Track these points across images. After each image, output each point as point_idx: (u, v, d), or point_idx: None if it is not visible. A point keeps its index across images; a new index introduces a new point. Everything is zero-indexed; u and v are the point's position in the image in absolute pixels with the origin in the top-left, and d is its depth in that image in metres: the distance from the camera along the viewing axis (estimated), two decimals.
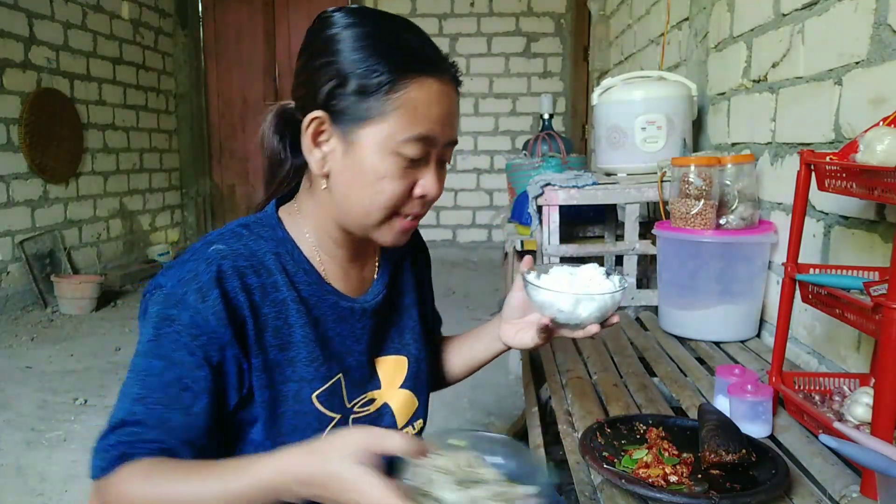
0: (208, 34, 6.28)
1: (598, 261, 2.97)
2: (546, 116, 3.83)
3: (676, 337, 1.80)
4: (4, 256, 4.05)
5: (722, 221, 1.70)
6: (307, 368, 0.87)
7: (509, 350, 1.05)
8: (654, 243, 2.03)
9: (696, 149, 2.31)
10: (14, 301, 4.06)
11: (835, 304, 1.09)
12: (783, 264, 1.23)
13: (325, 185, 0.85)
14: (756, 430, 1.16)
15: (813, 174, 1.16)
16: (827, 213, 1.48)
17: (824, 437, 0.74)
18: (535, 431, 1.45)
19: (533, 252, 2.73)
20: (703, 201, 1.67)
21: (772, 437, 1.18)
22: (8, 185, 4.08)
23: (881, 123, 1.04)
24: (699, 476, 0.98)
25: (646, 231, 2.16)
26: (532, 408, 1.58)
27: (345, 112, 0.81)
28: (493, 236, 6.08)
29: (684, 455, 1.03)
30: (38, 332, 3.68)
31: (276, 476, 0.70)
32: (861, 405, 1.11)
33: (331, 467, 0.67)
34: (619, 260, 2.23)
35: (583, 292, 0.89)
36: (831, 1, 1.45)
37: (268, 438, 0.85)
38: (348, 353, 0.93)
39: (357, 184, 0.83)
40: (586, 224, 2.92)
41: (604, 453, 1.02)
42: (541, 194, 2.10)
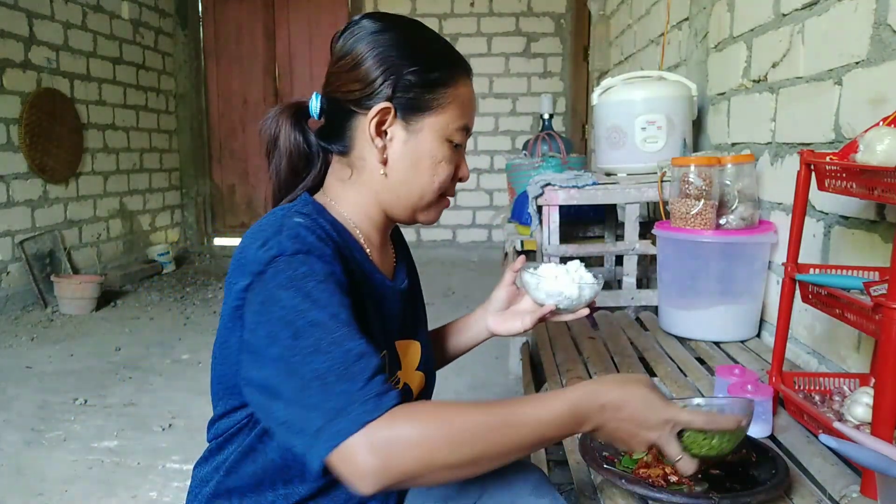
0: (208, 34, 6.28)
1: (599, 261, 2.99)
2: (546, 116, 3.83)
3: (676, 337, 1.80)
4: (4, 256, 4.05)
5: (722, 221, 1.70)
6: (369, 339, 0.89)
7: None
8: (654, 243, 2.03)
9: (696, 149, 2.31)
10: (14, 301, 4.06)
11: (835, 304, 1.09)
12: (783, 264, 1.23)
13: (382, 171, 0.92)
14: (756, 430, 1.16)
15: (813, 174, 1.16)
16: (827, 213, 1.48)
17: (824, 437, 0.74)
18: None
19: (533, 252, 2.73)
20: (703, 201, 1.67)
21: (772, 437, 1.18)
22: (8, 185, 4.08)
23: (881, 123, 1.04)
24: (699, 476, 0.98)
25: (646, 231, 2.17)
26: None
27: (410, 103, 0.90)
28: (493, 236, 6.08)
29: None
30: (38, 332, 3.68)
31: (584, 399, 0.78)
32: (861, 405, 1.11)
33: (636, 391, 0.80)
34: (620, 260, 2.23)
35: (582, 281, 1.06)
36: (831, 1, 1.45)
37: None
38: (389, 331, 0.97)
39: (418, 168, 0.92)
40: (586, 224, 2.92)
41: (604, 453, 1.02)
42: (541, 194, 2.10)
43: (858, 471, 1.00)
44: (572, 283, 1.05)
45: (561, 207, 2.10)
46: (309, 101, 0.96)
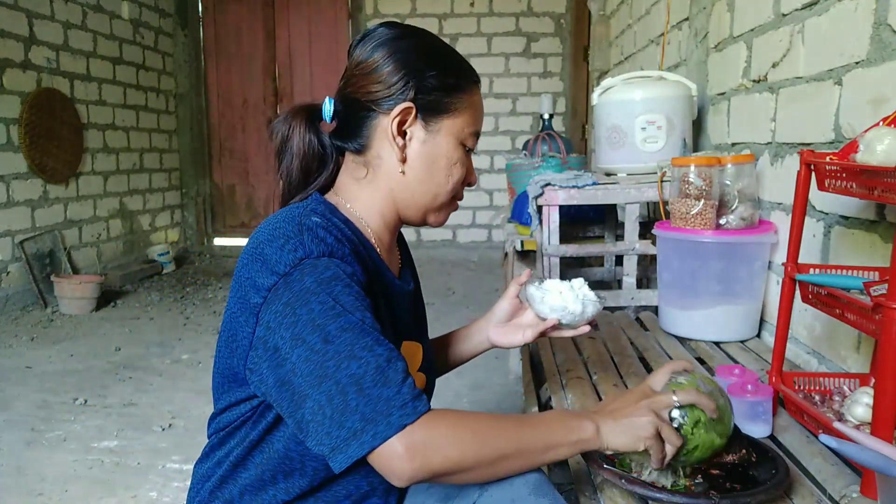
0: (208, 34, 6.28)
1: (599, 261, 2.99)
2: (546, 116, 3.83)
3: (676, 337, 1.80)
4: (4, 256, 4.05)
5: (722, 221, 1.70)
6: None
7: (504, 350, 1.17)
8: (654, 243, 2.03)
9: (696, 149, 2.31)
10: (14, 301, 4.06)
11: (835, 304, 1.09)
12: (783, 264, 1.23)
13: (401, 169, 0.95)
14: (756, 430, 1.16)
15: (813, 174, 1.16)
16: (827, 213, 1.48)
17: (824, 437, 0.74)
18: None
19: (533, 252, 2.73)
20: (703, 201, 1.67)
21: (772, 437, 1.18)
22: (8, 185, 4.08)
23: (881, 123, 1.04)
24: (699, 476, 0.98)
25: (646, 231, 2.16)
26: (532, 408, 1.58)
27: (431, 105, 0.94)
28: (493, 236, 6.08)
29: None
30: (38, 332, 3.68)
31: (576, 410, 0.91)
32: (861, 405, 1.11)
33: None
34: (620, 260, 2.23)
35: (585, 298, 1.09)
36: (831, 1, 1.45)
37: None
38: (398, 331, 0.99)
39: (435, 167, 0.96)
40: (586, 224, 2.92)
41: (604, 453, 1.02)
42: (541, 194, 2.10)
43: (858, 471, 1.00)
44: (576, 299, 1.08)
45: (561, 207, 2.10)
46: (321, 104, 0.99)
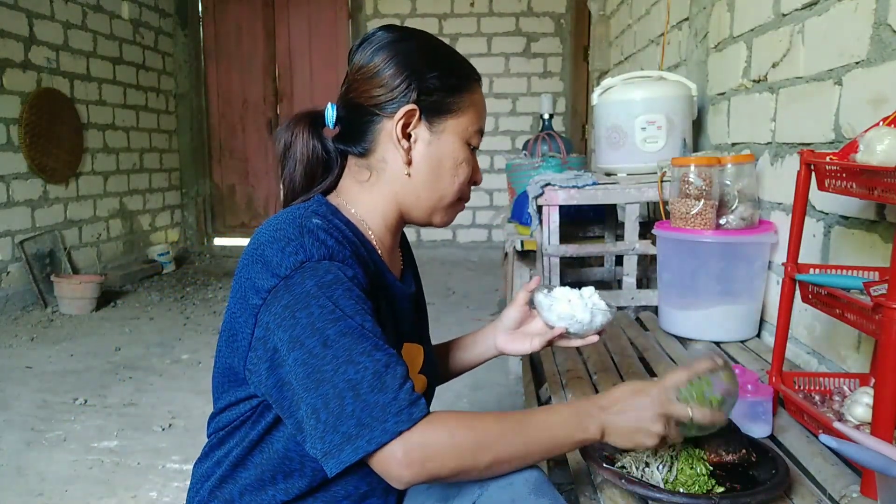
0: (208, 34, 6.28)
1: (599, 261, 2.98)
2: (546, 116, 3.83)
3: (676, 337, 1.80)
4: (4, 256, 4.05)
5: (722, 221, 1.70)
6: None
7: (499, 355, 1.19)
8: (654, 243, 2.03)
9: (696, 149, 2.31)
10: (14, 301, 4.06)
11: (835, 304, 1.09)
12: (783, 264, 1.23)
13: (406, 172, 0.95)
14: (756, 430, 1.16)
15: (813, 174, 1.16)
16: (827, 213, 1.48)
17: (824, 437, 0.74)
18: None
19: (533, 252, 2.73)
20: (703, 201, 1.67)
21: (772, 437, 1.18)
22: (8, 185, 4.08)
23: (881, 123, 1.04)
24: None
25: (646, 231, 2.16)
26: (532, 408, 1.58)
27: (434, 106, 0.94)
28: (493, 236, 6.08)
29: None
30: (38, 332, 3.68)
31: (583, 403, 0.88)
32: (861, 405, 1.11)
33: (623, 386, 0.90)
34: (620, 260, 2.23)
35: (594, 307, 1.08)
36: (831, 1, 1.45)
37: None
38: (399, 333, 0.99)
39: (440, 169, 0.96)
40: (586, 224, 2.92)
41: (604, 453, 1.02)
42: (541, 194, 2.10)
43: (858, 471, 1.00)
44: (585, 308, 1.07)
45: (561, 207, 2.10)
46: (324, 110, 0.99)
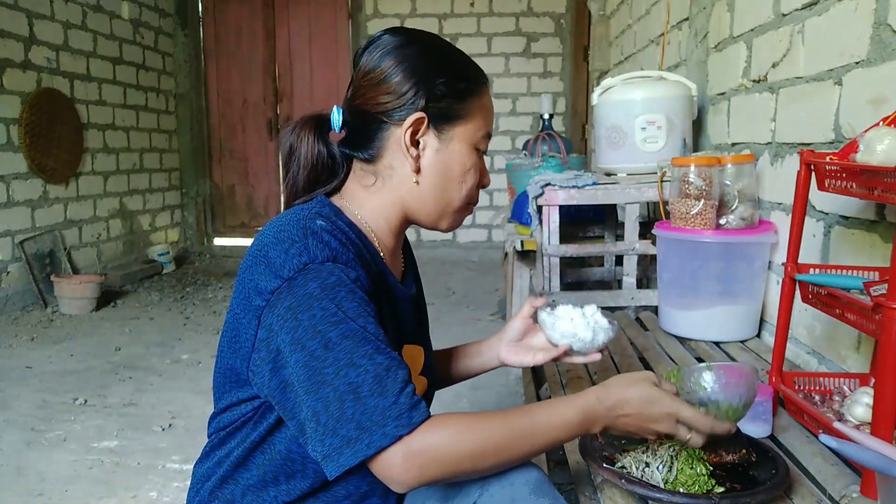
0: (208, 34, 6.28)
1: (599, 261, 2.98)
2: (546, 116, 3.83)
3: (676, 337, 1.80)
4: (4, 256, 4.04)
5: (722, 221, 1.70)
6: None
7: (502, 366, 1.20)
8: (654, 243, 2.03)
9: (696, 149, 2.31)
10: (14, 301, 4.06)
11: (835, 304, 1.09)
12: (783, 264, 1.23)
13: (415, 179, 0.94)
14: (756, 430, 1.16)
15: (813, 174, 1.16)
16: (827, 213, 1.48)
17: (824, 437, 0.74)
18: None
19: (533, 252, 2.73)
20: (703, 201, 1.67)
21: (772, 437, 1.18)
22: (8, 185, 4.08)
23: (881, 123, 1.04)
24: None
25: (646, 231, 2.16)
26: None
27: (442, 113, 0.93)
28: (493, 236, 6.08)
29: None
30: (38, 332, 3.68)
31: (592, 403, 0.85)
32: (861, 405, 1.11)
33: (638, 389, 0.87)
34: (620, 260, 2.23)
35: (597, 325, 1.08)
36: (831, 1, 1.45)
37: None
38: (401, 334, 0.99)
39: (448, 175, 0.95)
40: (586, 224, 2.92)
41: (604, 453, 1.02)
42: (541, 194, 2.10)
43: (858, 471, 1.00)
44: (587, 326, 1.07)
45: (561, 207, 2.10)
46: (329, 114, 0.98)
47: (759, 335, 1.78)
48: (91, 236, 4.87)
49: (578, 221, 2.89)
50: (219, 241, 6.42)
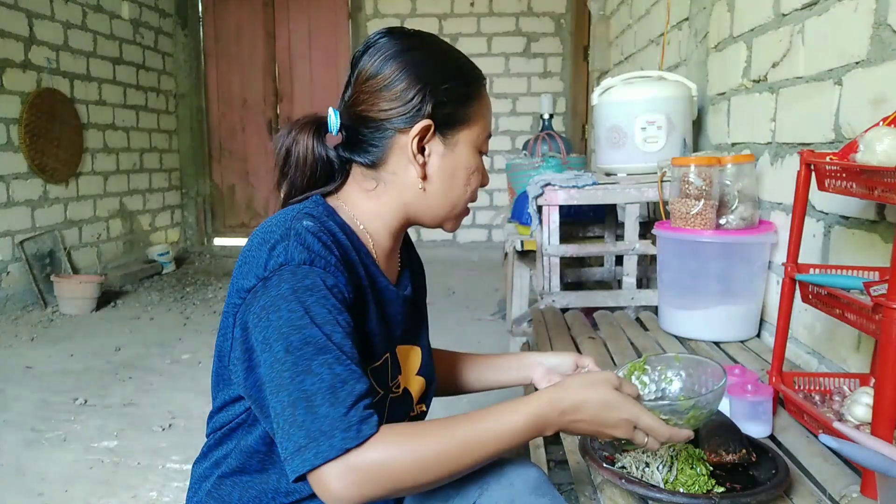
0: (208, 34, 6.28)
1: (599, 261, 2.98)
2: (546, 116, 3.83)
3: (676, 337, 1.80)
4: (4, 256, 4.05)
5: (722, 221, 1.70)
6: (368, 342, 0.91)
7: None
8: (654, 243, 2.03)
9: (696, 149, 2.31)
10: (14, 301, 4.06)
11: (835, 304, 1.09)
12: (783, 264, 1.23)
13: (421, 186, 0.93)
14: (756, 430, 1.16)
15: (813, 174, 1.16)
16: (827, 213, 1.48)
17: (824, 437, 0.74)
18: None
19: (533, 252, 2.73)
20: (703, 201, 1.67)
21: (772, 437, 1.18)
22: (8, 185, 4.08)
23: (881, 123, 1.04)
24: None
25: (646, 231, 2.16)
26: None
27: (448, 118, 0.92)
28: (493, 236, 6.08)
29: None
30: (38, 332, 3.68)
31: (544, 407, 0.81)
32: (861, 405, 1.11)
33: (595, 393, 0.83)
34: (620, 260, 2.22)
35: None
36: (831, 1, 1.45)
37: None
38: (391, 336, 0.98)
39: (454, 180, 0.95)
40: (586, 224, 2.92)
41: (604, 453, 1.02)
42: (541, 194, 2.10)
43: (858, 471, 1.00)
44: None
45: (561, 207, 2.10)
46: (326, 117, 0.95)
47: (759, 335, 1.78)
48: (91, 236, 4.87)
49: (578, 221, 2.89)
50: (219, 241, 6.42)
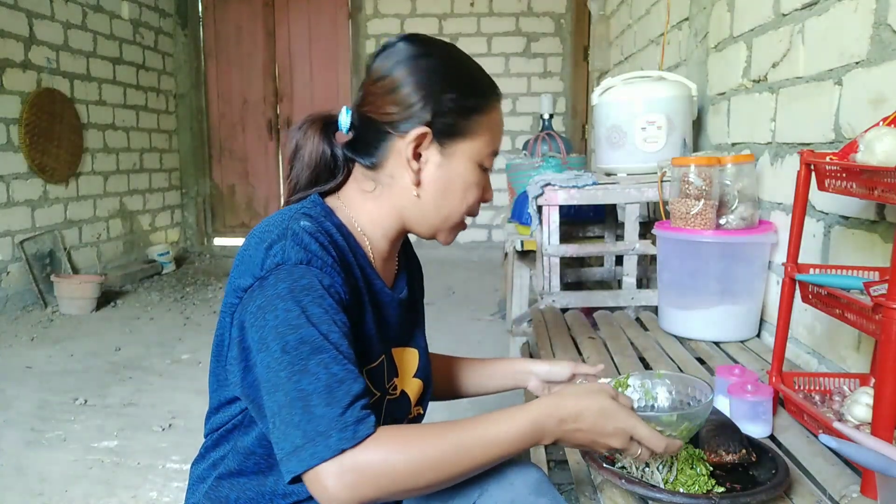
0: (208, 34, 6.28)
1: (599, 261, 2.98)
2: (546, 116, 3.83)
3: (676, 337, 1.80)
4: (4, 256, 4.05)
5: (722, 221, 1.70)
6: (365, 343, 0.92)
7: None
8: (654, 243, 2.03)
9: (696, 149, 2.31)
10: (14, 301, 4.06)
11: (835, 304, 1.09)
12: (783, 264, 1.23)
13: (415, 192, 0.93)
14: (756, 430, 1.16)
15: (813, 174, 1.16)
16: (827, 213, 1.48)
17: (824, 437, 0.74)
18: None
19: (533, 252, 2.73)
20: (703, 201, 1.67)
21: (772, 437, 1.18)
22: (8, 185, 4.08)
23: (881, 123, 1.04)
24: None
25: (646, 231, 2.16)
26: None
27: (446, 128, 0.91)
28: (493, 236, 6.08)
29: None
30: (38, 332, 3.68)
31: (542, 415, 0.81)
32: (861, 405, 1.11)
33: (593, 402, 0.83)
34: (620, 260, 2.22)
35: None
36: (831, 1, 1.45)
37: None
38: (387, 338, 0.98)
39: (449, 191, 0.94)
40: (586, 224, 2.92)
41: (604, 453, 1.02)
42: (541, 194, 2.10)
43: (858, 471, 1.00)
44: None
45: (561, 207, 2.10)
46: (338, 114, 0.97)
47: (759, 335, 1.78)
48: (91, 236, 4.87)
49: (578, 221, 2.89)
50: (219, 241, 6.42)
